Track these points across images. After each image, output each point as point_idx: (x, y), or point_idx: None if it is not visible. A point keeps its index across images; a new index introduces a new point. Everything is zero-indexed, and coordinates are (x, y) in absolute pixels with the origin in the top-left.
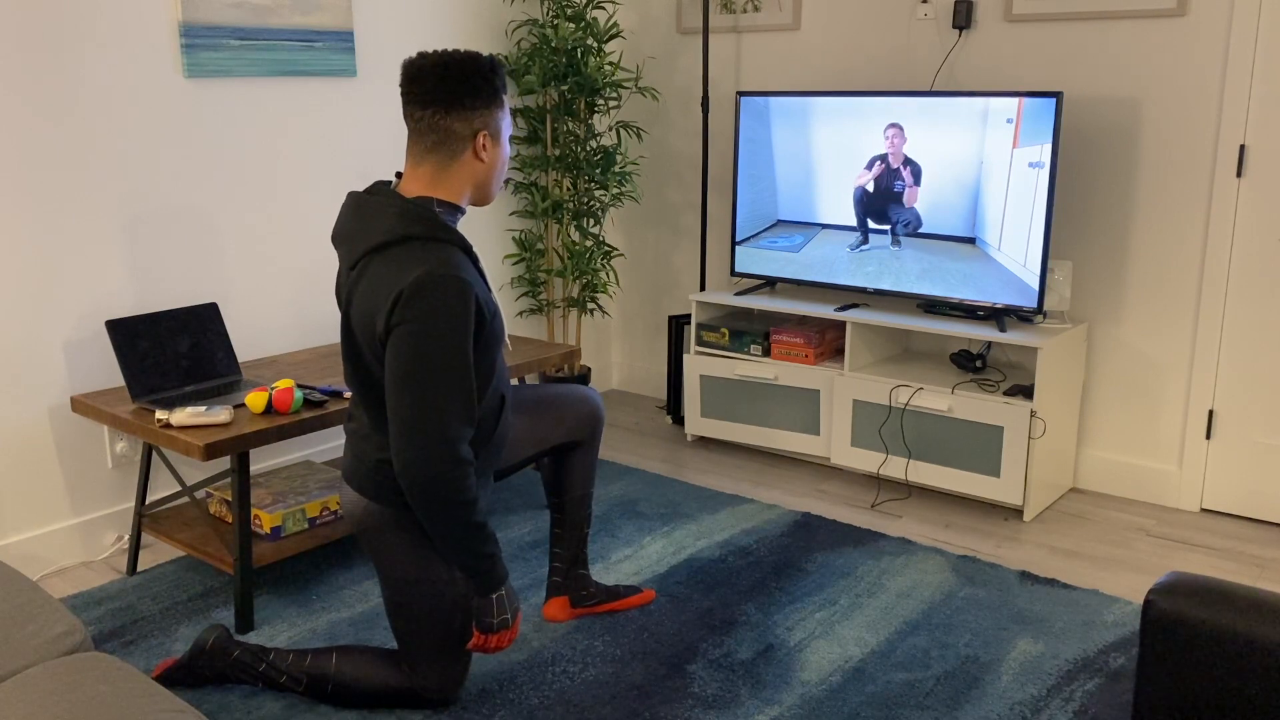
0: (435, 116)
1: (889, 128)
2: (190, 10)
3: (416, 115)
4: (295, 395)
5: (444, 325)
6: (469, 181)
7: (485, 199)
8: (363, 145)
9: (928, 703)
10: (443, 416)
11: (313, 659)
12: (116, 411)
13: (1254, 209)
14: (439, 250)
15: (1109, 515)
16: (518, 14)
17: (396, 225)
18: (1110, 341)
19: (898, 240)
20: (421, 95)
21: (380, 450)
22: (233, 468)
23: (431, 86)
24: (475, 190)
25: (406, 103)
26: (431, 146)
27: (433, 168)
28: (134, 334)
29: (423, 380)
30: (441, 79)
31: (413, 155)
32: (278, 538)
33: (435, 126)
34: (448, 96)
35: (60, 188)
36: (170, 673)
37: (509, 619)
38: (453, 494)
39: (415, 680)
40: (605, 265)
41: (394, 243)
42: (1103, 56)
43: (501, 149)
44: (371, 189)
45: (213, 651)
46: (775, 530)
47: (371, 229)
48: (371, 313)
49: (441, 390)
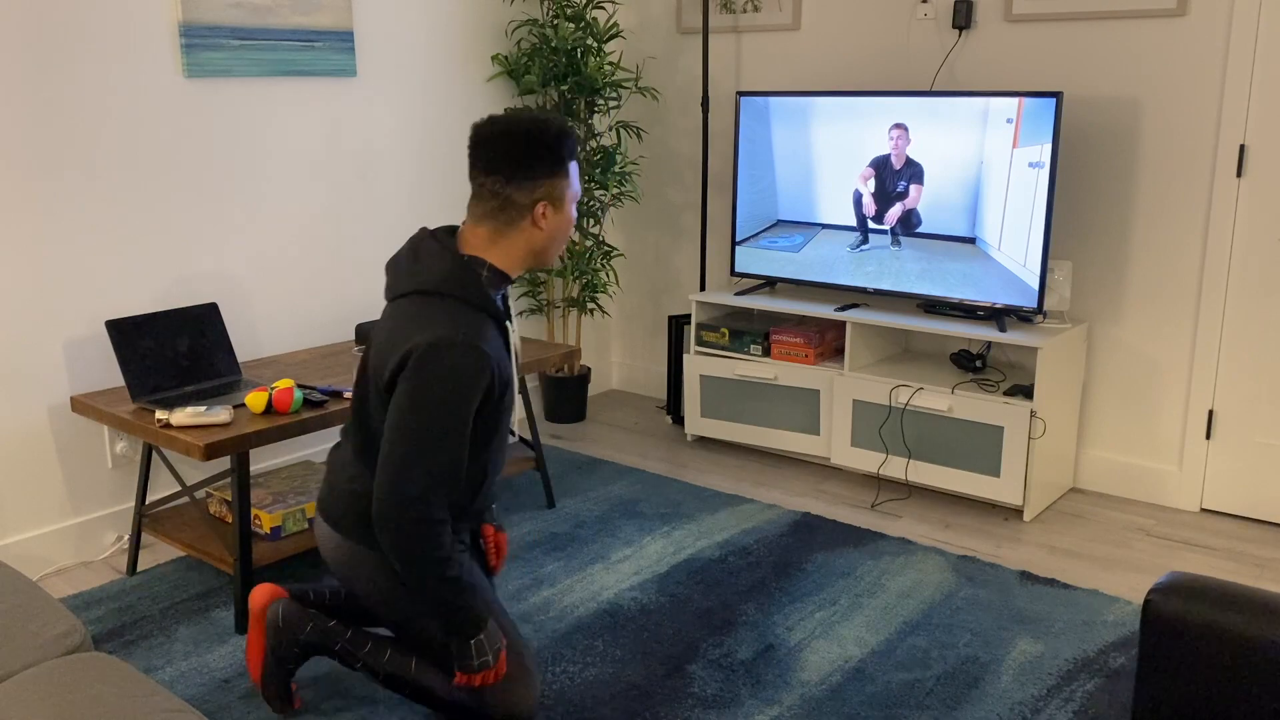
0: (496, 184)
1: (894, 128)
2: (190, 10)
3: (479, 180)
4: (295, 395)
5: (451, 390)
6: (526, 247)
7: (545, 263)
8: (363, 145)
9: (928, 703)
10: (426, 477)
11: (391, 655)
12: (116, 411)
13: (1254, 209)
14: (470, 316)
15: (1109, 515)
16: (518, 14)
17: (439, 279)
18: (1110, 341)
19: (897, 240)
20: (485, 161)
21: (351, 481)
22: (232, 468)
23: (495, 154)
24: (533, 256)
25: (471, 165)
26: (491, 211)
27: (491, 230)
28: (134, 334)
29: (419, 438)
30: (506, 147)
31: (473, 214)
32: (277, 538)
33: (496, 193)
34: (510, 165)
35: (60, 187)
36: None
37: (490, 660)
38: (420, 549)
39: (485, 703)
40: (605, 265)
41: (430, 293)
42: (1103, 56)
43: (565, 215)
44: (437, 231)
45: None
46: (775, 530)
47: (419, 272)
48: (387, 352)
49: (431, 452)
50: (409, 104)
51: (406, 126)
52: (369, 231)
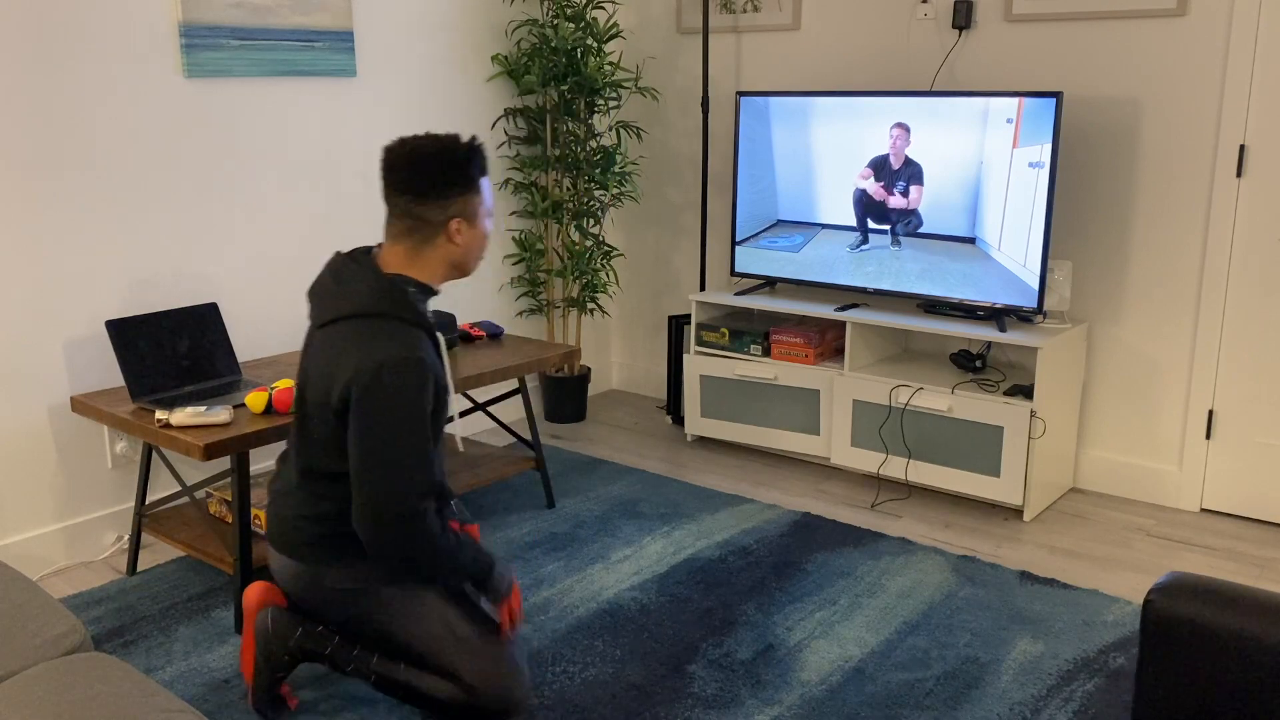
0: (408, 203)
1: (894, 127)
2: (190, 10)
3: (393, 200)
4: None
5: (407, 402)
6: (443, 262)
7: (464, 273)
8: (362, 145)
9: (928, 703)
10: (406, 482)
11: (379, 658)
12: (116, 411)
13: (1254, 209)
14: (405, 332)
15: (1109, 515)
16: (518, 14)
17: (369, 300)
18: (1110, 341)
19: (897, 240)
20: (396, 183)
21: (299, 507)
22: (232, 468)
23: (405, 176)
24: (451, 269)
25: (385, 187)
26: (406, 230)
27: (407, 249)
28: (134, 334)
29: (389, 452)
30: (414, 168)
31: (390, 234)
32: None
33: (409, 213)
34: (420, 186)
35: (61, 188)
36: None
37: (510, 578)
38: (418, 545)
39: (478, 700)
40: (605, 265)
41: (363, 315)
42: (1103, 56)
43: (478, 230)
44: (354, 254)
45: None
46: (775, 530)
47: (345, 296)
48: (329, 377)
49: (403, 459)
50: (409, 104)
51: (406, 126)
52: (369, 231)
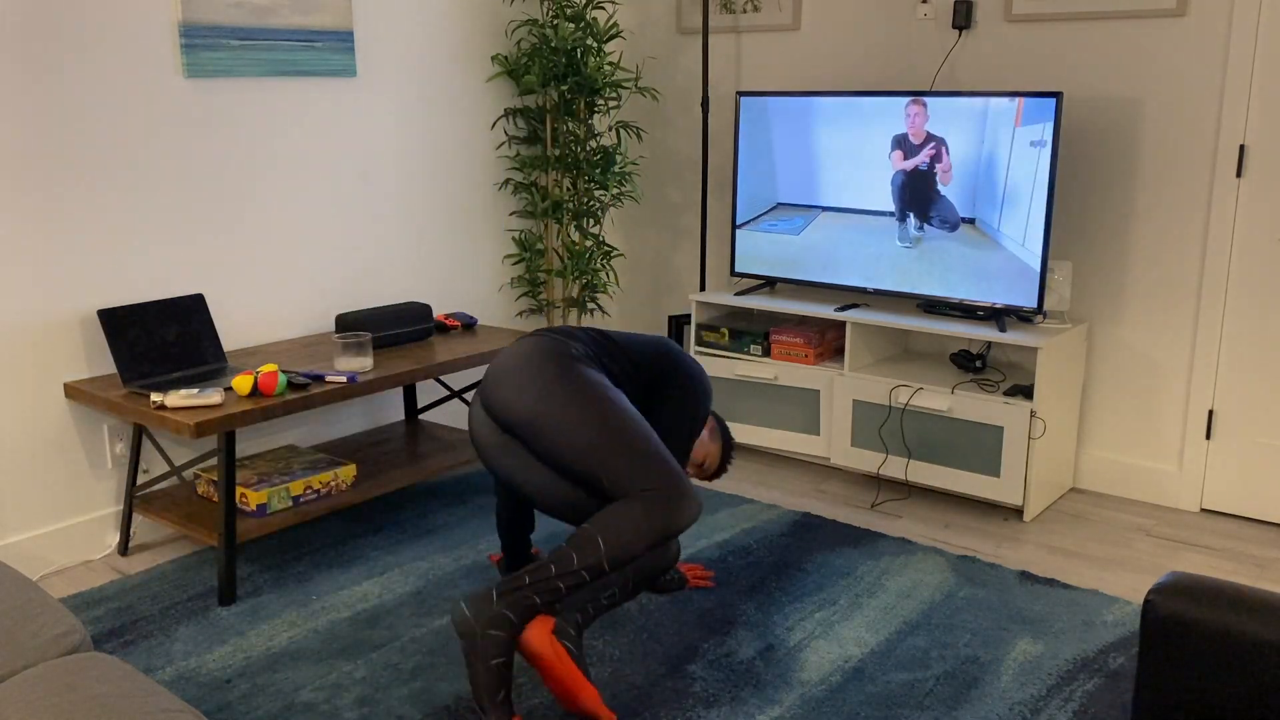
0: None
1: (910, 104)
2: (190, 10)
3: None
4: (280, 378)
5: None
6: None
7: None
8: (362, 145)
9: (928, 703)
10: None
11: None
12: (109, 395)
13: (1254, 209)
14: None
15: (1109, 515)
16: (518, 14)
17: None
18: (1110, 341)
19: (926, 225)
20: None
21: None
22: (219, 446)
23: None
24: None
25: None
26: None
27: None
28: (124, 323)
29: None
30: None
31: None
32: (263, 514)
33: None
34: None
35: (60, 187)
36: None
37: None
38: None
39: (654, 501)
40: (605, 265)
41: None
42: (1103, 56)
43: None
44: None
45: (477, 611)
46: (775, 530)
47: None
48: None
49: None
50: (409, 104)
51: (406, 126)
52: (369, 231)
